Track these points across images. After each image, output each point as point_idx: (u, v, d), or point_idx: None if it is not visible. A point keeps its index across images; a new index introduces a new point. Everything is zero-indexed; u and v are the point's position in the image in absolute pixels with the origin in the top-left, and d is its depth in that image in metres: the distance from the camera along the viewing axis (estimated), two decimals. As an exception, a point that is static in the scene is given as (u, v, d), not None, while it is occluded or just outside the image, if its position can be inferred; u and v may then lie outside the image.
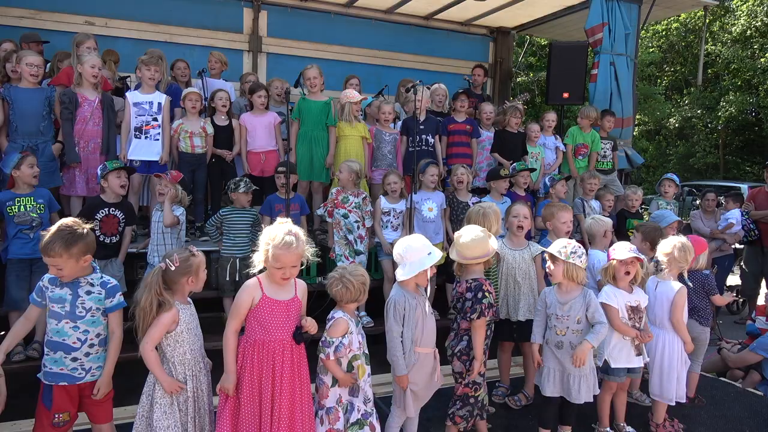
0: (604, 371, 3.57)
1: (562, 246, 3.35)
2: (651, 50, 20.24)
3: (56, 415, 2.71)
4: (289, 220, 2.84)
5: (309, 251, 2.78)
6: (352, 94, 5.56)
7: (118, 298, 2.81)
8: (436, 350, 3.26)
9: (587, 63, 7.33)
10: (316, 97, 5.56)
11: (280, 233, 2.67)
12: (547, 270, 3.44)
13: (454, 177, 5.23)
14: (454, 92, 6.26)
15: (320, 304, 4.01)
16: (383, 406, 3.67)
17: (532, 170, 5.82)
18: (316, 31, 7.86)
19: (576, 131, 6.56)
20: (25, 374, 3.39)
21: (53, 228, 2.67)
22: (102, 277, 2.81)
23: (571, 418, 3.52)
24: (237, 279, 4.49)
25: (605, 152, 6.62)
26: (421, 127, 5.54)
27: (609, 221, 4.39)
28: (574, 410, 3.46)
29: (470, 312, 3.22)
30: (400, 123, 5.97)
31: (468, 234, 3.31)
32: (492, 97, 8.49)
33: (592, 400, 3.39)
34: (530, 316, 3.88)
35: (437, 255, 3.11)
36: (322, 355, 2.91)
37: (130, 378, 3.02)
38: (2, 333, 4.26)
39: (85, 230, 2.71)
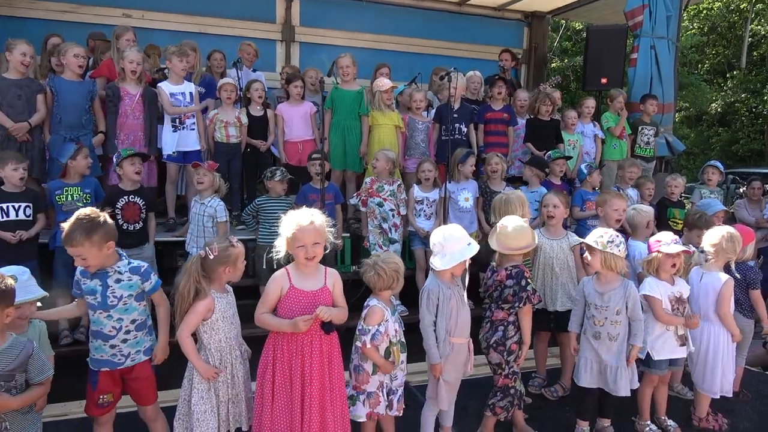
0: (645, 364, 3.50)
1: (598, 235, 3.28)
2: (692, 32, 19.51)
3: (101, 397, 2.80)
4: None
5: (329, 230, 2.76)
6: (383, 83, 5.53)
7: (154, 278, 2.86)
8: (470, 340, 3.24)
9: (626, 47, 7.11)
10: (349, 86, 5.55)
11: (296, 214, 2.71)
12: (585, 260, 3.37)
13: (488, 166, 5.17)
14: (487, 78, 6.18)
15: (355, 292, 4.03)
16: (419, 394, 3.68)
17: (569, 158, 5.70)
18: (348, 19, 7.83)
19: (610, 116, 6.42)
20: (72, 357, 3.48)
21: (72, 218, 2.69)
22: (130, 263, 2.82)
23: (610, 410, 3.46)
24: (273, 267, 4.52)
25: (648, 139, 6.44)
26: (455, 115, 5.48)
27: (651, 211, 4.28)
28: (613, 402, 3.41)
29: (514, 300, 3.20)
30: (433, 111, 5.92)
31: (511, 224, 3.27)
32: (527, 83, 8.34)
33: (629, 393, 3.32)
34: (568, 306, 3.83)
35: (476, 247, 3.09)
36: (358, 343, 2.93)
37: (173, 362, 3.09)
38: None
39: (104, 218, 2.72)
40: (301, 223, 2.66)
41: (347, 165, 5.55)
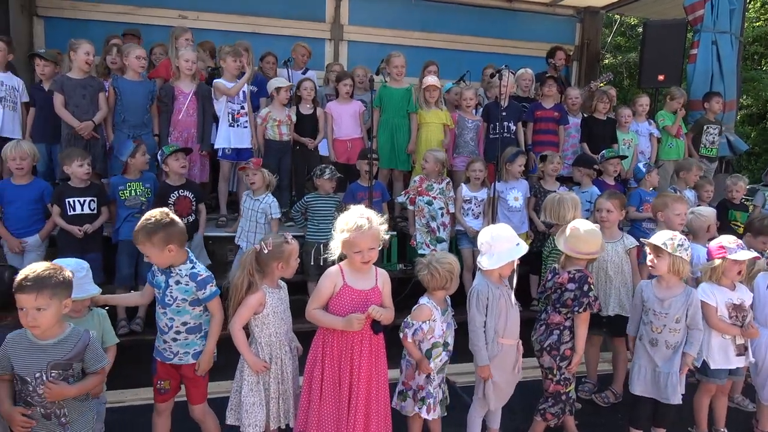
0: (702, 372, 3.36)
1: (667, 238, 3.15)
2: (759, 24, 18.50)
3: (159, 382, 2.90)
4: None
5: (384, 232, 2.77)
6: (431, 81, 5.50)
7: (210, 289, 2.79)
8: (520, 342, 3.19)
9: (685, 42, 6.83)
10: (398, 84, 5.55)
11: (352, 218, 2.70)
12: (649, 263, 3.24)
13: (549, 166, 5.08)
14: (538, 75, 6.06)
15: (401, 291, 4.03)
16: (465, 395, 3.65)
17: (623, 158, 5.53)
18: (396, 17, 7.83)
19: (665, 114, 6.19)
20: (129, 347, 3.62)
21: (142, 217, 2.77)
22: (192, 268, 2.79)
23: (666, 419, 3.34)
24: (321, 264, 4.59)
25: (713, 138, 6.17)
26: (504, 113, 5.40)
27: (712, 214, 4.10)
28: (669, 412, 3.28)
29: (573, 305, 3.15)
30: (480, 109, 5.85)
31: (584, 227, 3.22)
32: (578, 81, 8.14)
33: (680, 401, 3.20)
34: (620, 311, 3.73)
35: (524, 247, 3.05)
36: (401, 334, 2.95)
37: (229, 354, 3.15)
38: (106, 308, 4.64)
39: (169, 220, 2.73)
40: (358, 228, 2.66)
41: (395, 163, 5.55)
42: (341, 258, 2.82)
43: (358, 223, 2.66)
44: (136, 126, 4.80)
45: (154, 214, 2.76)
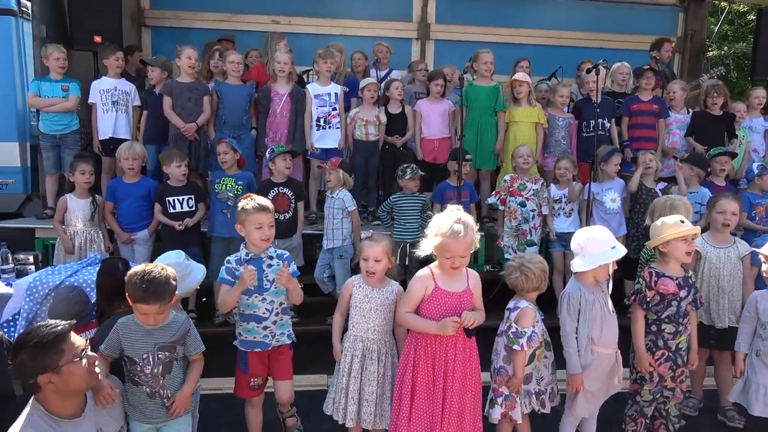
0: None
1: None
2: None
3: (252, 379, 3.01)
4: (460, 207, 2.81)
5: (478, 239, 2.71)
6: (518, 76, 5.35)
7: (293, 265, 3.03)
8: (618, 351, 3.03)
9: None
10: (484, 82, 5.44)
11: (448, 222, 2.63)
12: (764, 274, 2.98)
13: (642, 164, 4.79)
14: (636, 69, 5.73)
15: (488, 292, 3.95)
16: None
17: (733, 156, 5.10)
18: (484, 14, 7.67)
19: None
20: (221, 337, 3.76)
21: None
22: (276, 250, 3.03)
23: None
24: (407, 263, 4.60)
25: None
26: (597, 110, 5.14)
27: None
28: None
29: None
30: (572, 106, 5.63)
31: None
32: (681, 74, 7.60)
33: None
34: (734, 323, 3.45)
35: (621, 250, 2.90)
36: (516, 347, 2.85)
37: (309, 348, 3.24)
38: (204, 299, 4.91)
39: (246, 204, 2.94)
40: (454, 234, 2.60)
41: (482, 163, 5.45)
42: (427, 260, 2.79)
43: (454, 229, 2.61)
44: (235, 126, 5.06)
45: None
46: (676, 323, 3.07)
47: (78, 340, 2.17)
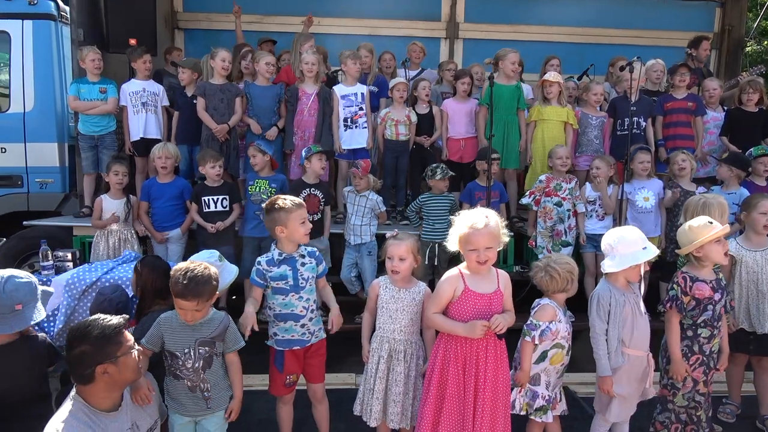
0: None
1: None
2: None
3: (288, 377, 3.05)
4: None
5: (504, 234, 2.68)
6: (548, 76, 5.29)
7: (323, 264, 3.11)
8: (650, 354, 2.97)
9: None
10: (508, 81, 5.39)
11: (470, 214, 2.65)
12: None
13: (674, 165, 4.68)
14: (671, 68, 5.60)
15: (517, 293, 3.91)
16: (587, 406, 3.48)
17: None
18: (514, 12, 7.60)
19: None
20: (255, 334, 3.82)
21: None
22: (306, 248, 3.07)
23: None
24: (435, 263, 4.60)
25: None
26: (633, 108, 5.04)
27: None
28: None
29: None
30: (607, 105, 5.52)
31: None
32: (718, 71, 7.39)
33: None
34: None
35: (653, 251, 2.84)
36: (527, 338, 2.85)
37: (337, 347, 3.26)
38: (234, 297, 4.99)
39: (279, 205, 2.97)
40: (475, 226, 2.59)
41: (507, 162, 5.40)
42: (456, 258, 2.79)
43: (475, 219, 2.61)
44: (265, 127, 5.11)
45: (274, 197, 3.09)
46: (712, 327, 3.01)
47: (128, 334, 2.26)
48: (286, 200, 3.00)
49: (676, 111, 5.36)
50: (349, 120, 5.25)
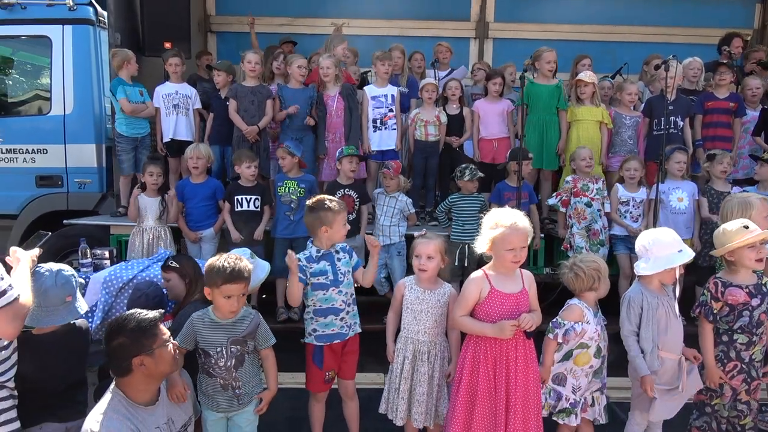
0: None
1: None
2: None
3: (327, 373, 3.09)
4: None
5: (531, 234, 2.69)
6: (582, 76, 5.21)
7: (356, 257, 3.18)
8: (683, 358, 2.92)
9: None
10: (546, 80, 5.33)
11: (503, 215, 2.66)
12: None
13: (718, 166, 4.57)
14: (708, 64, 5.47)
15: (547, 295, 3.88)
16: (619, 411, 3.42)
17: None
18: (544, 11, 7.52)
19: None
20: (283, 334, 3.86)
21: None
22: (340, 245, 3.13)
23: None
24: (465, 264, 4.58)
25: None
26: (671, 107, 4.92)
27: None
28: None
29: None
30: (642, 104, 5.41)
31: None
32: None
33: None
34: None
35: (688, 254, 2.78)
36: (550, 335, 2.85)
37: (365, 347, 3.28)
38: (264, 296, 5.05)
39: (320, 205, 3.02)
40: (514, 225, 2.61)
41: (543, 163, 5.34)
42: (483, 260, 2.76)
43: (511, 219, 2.62)
44: (298, 129, 5.16)
45: (316, 198, 3.14)
46: (750, 333, 2.91)
47: (164, 328, 2.34)
48: (333, 201, 3.06)
49: (716, 111, 5.23)
50: (378, 121, 5.27)
